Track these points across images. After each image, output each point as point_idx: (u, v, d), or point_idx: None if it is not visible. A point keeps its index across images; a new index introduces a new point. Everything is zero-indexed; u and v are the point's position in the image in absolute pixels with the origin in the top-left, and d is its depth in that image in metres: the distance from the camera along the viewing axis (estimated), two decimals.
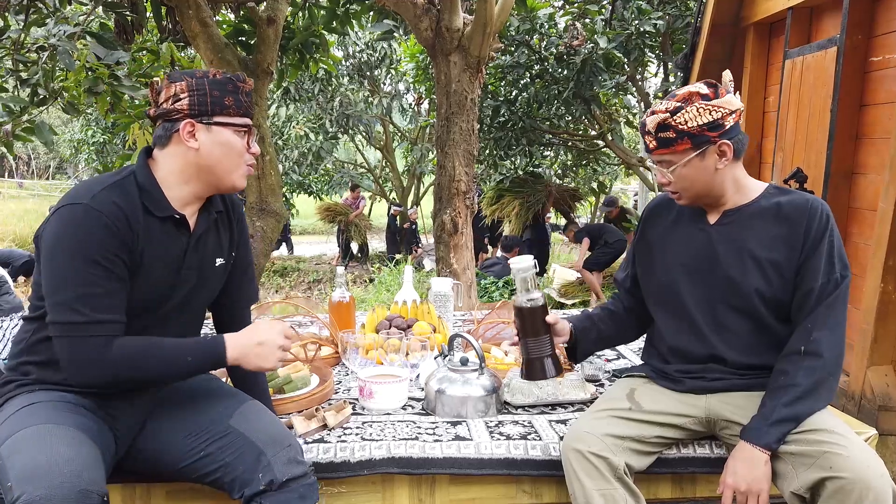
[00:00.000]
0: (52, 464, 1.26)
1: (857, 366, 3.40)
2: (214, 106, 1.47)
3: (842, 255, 1.61)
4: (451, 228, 4.60)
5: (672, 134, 1.58)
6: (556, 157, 10.15)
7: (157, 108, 1.49)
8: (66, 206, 1.40)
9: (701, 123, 1.56)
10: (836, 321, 1.58)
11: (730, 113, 1.58)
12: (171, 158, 1.49)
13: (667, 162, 1.63)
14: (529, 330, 1.75)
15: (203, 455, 1.48)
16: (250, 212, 4.64)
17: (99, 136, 15.17)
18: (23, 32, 3.80)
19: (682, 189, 1.65)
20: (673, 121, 1.57)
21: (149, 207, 1.46)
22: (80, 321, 1.37)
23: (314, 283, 11.43)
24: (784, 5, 4.13)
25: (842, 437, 1.49)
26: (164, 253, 1.49)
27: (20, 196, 24.07)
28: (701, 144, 1.58)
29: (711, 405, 1.68)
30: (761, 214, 1.65)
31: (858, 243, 3.60)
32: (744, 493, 1.52)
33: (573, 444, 1.58)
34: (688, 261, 1.72)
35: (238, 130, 1.51)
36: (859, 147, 3.63)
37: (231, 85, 1.50)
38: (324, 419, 1.75)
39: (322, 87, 12.20)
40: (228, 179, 1.53)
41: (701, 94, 1.58)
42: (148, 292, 1.48)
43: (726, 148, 1.59)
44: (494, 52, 4.77)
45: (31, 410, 1.40)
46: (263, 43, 4.54)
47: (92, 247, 1.37)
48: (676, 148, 1.59)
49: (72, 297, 1.37)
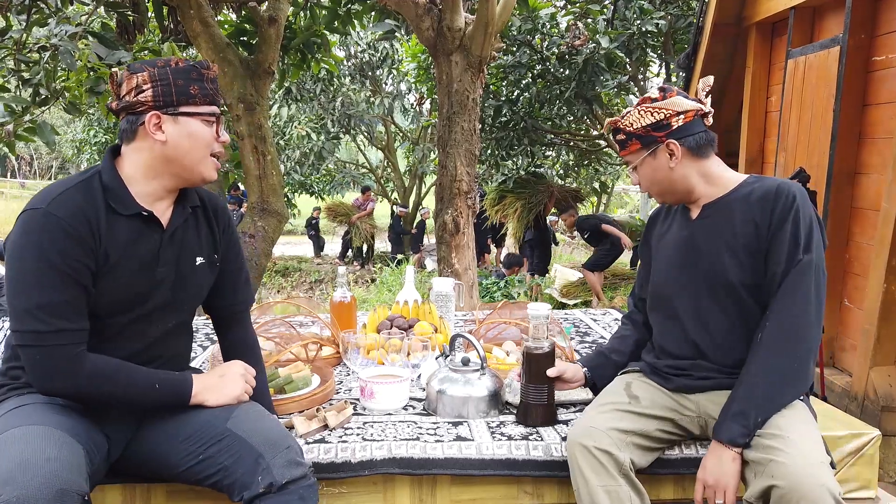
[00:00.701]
0: (30, 464, 1.25)
1: (860, 366, 3.39)
2: (180, 96, 1.43)
3: (809, 237, 1.57)
4: (453, 228, 4.60)
5: (622, 136, 1.71)
6: (557, 157, 10.15)
7: (119, 101, 1.45)
8: (27, 212, 1.38)
9: (644, 125, 1.66)
10: (795, 304, 1.55)
11: (676, 114, 1.64)
12: (138, 153, 1.46)
13: (629, 162, 1.74)
14: (533, 376, 1.78)
15: (202, 458, 1.47)
16: (251, 212, 4.64)
17: (101, 136, 15.18)
18: (25, 32, 3.81)
19: (647, 188, 1.75)
20: (621, 123, 1.70)
21: (113, 206, 1.43)
22: (43, 330, 1.35)
23: (315, 283, 11.44)
24: (787, 5, 4.12)
25: (789, 442, 1.46)
26: (134, 252, 1.46)
27: (22, 196, 24.11)
28: (650, 144, 1.67)
29: (701, 403, 1.69)
30: (737, 202, 1.66)
31: (861, 243, 3.59)
32: (711, 487, 1.54)
33: (579, 439, 1.58)
34: (673, 259, 1.76)
35: (206, 119, 1.47)
36: (862, 147, 3.62)
37: (195, 73, 1.45)
38: (325, 419, 1.74)
39: (324, 87, 12.21)
40: (197, 171, 1.49)
41: (651, 97, 1.68)
42: (123, 292, 1.46)
43: (674, 147, 1.65)
44: (496, 52, 4.76)
45: (17, 413, 1.39)
46: (265, 43, 4.54)
47: (51, 253, 1.35)
48: (630, 148, 1.71)
49: (33, 304, 1.34)
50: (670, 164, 1.66)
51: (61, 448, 1.31)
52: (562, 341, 2.25)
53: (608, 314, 3.08)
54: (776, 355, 1.55)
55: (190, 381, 1.53)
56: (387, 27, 5.64)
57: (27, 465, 1.25)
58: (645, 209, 12.74)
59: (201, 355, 2.37)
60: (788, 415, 1.54)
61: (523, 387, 1.80)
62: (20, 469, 1.24)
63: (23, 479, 1.22)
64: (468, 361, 1.90)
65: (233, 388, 1.56)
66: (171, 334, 1.60)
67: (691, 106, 1.65)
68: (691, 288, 1.71)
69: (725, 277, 1.64)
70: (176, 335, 1.62)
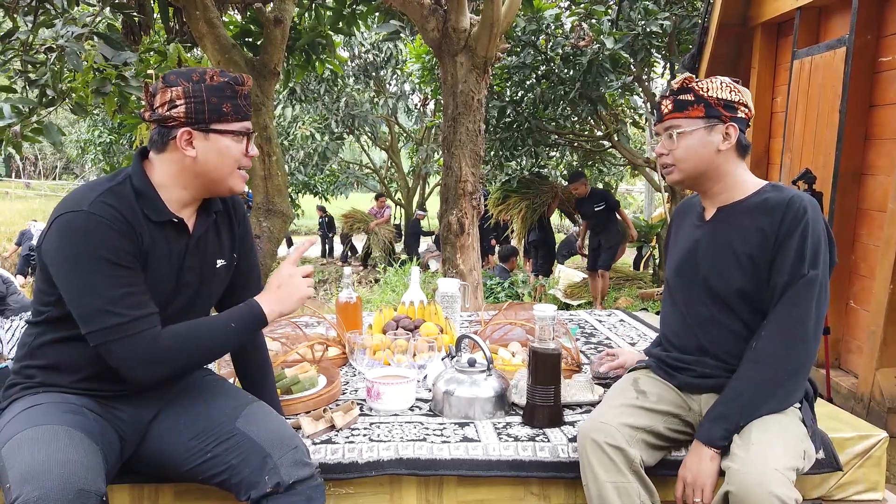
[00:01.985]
0: (49, 464, 1.26)
1: (866, 368, 3.38)
2: (212, 114, 1.44)
3: (816, 253, 1.55)
4: (458, 229, 4.59)
5: (691, 97, 1.62)
6: (561, 157, 10.14)
7: (152, 112, 1.46)
8: (65, 216, 1.38)
9: (720, 97, 1.61)
10: (794, 318, 1.54)
11: (745, 105, 1.64)
12: (168, 164, 1.47)
13: (675, 126, 1.64)
14: (539, 377, 1.78)
15: (210, 457, 1.48)
16: (257, 212, 4.65)
17: (106, 137, 15.22)
18: (31, 34, 3.81)
19: (678, 160, 1.66)
20: (696, 84, 1.63)
21: (146, 212, 1.45)
22: (121, 322, 1.36)
23: (320, 283, 11.44)
24: (792, 5, 4.11)
25: (751, 448, 1.46)
26: (165, 257, 1.48)
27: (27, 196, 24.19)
28: (712, 117, 1.62)
29: (703, 403, 1.70)
30: (750, 210, 1.64)
31: (868, 244, 3.58)
32: (690, 484, 1.56)
33: (591, 434, 1.58)
34: (682, 257, 1.76)
35: (236, 136, 1.48)
36: (868, 148, 3.61)
37: (229, 90, 1.46)
38: (331, 420, 1.75)
39: (328, 87, 12.22)
40: (225, 184, 1.51)
41: (730, 79, 1.66)
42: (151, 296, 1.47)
43: (732, 130, 1.62)
44: (501, 53, 4.76)
45: (32, 412, 1.40)
46: (270, 43, 4.55)
47: (103, 250, 1.36)
48: (690, 112, 1.62)
49: (103, 302, 1.36)
50: (721, 146, 1.62)
51: (80, 449, 1.32)
52: (567, 342, 2.25)
53: (613, 315, 3.08)
54: (767, 366, 1.55)
55: (258, 306, 1.50)
56: (391, 28, 5.64)
57: (47, 466, 1.26)
58: (649, 209, 12.72)
59: None
60: (767, 419, 1.54)
61: (530, 388, 1.80)
62: (40, 469, 1.25)
63: (43, 480, 1.23)
64: (474, 362, 1.90)
65: (298, 291, 1.53)
66: None
67: (752, 107, 1.67)
68: (696, 290, 1.71)
69: (728, 284, 1.64)
70: None
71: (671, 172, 1.69)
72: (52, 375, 1.48)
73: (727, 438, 1.53)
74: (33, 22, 3.89)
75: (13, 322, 4.13)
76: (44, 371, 1.48)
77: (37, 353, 1.49)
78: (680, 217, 1.88)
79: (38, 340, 1.48)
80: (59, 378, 1.47)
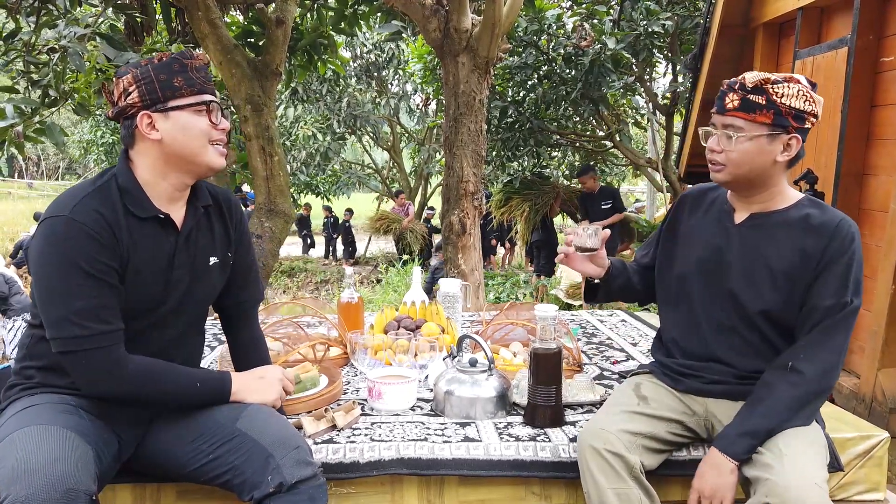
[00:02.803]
0: (38, 464, 1.26)
1: (868, 368, 3.37)
2: (165, 90, 1.42)
3: (858, 282, 1.54)
4: (459, 229, 4.60)
5: (762, 100, 1.52)
6: (563, 158, 10.13)
7: (114, 108, 1.46)
8: (48, 220, 1.39)
9: (793, 105, 1.51)
10: (834, 344, 1.54)
11: (815, 114, 1.54)
12: (142, 157, 1.47)
13: (736, 128, 1.55)
14: (540, 377, 1.77)
15: (212, 458, 1.48)
16: (259, 212, 4.65)
17: (108, 137, 15.28)
18: (34, 34, 3.83)
19: (731, 163, 1.57)
20: (772, 88, 1.52)
21: (131, 209, 1.44)
22: (81, 335, 1.37)
23: (321, 283, 11.45)
24: (794, 5, 4.11)
25: (785, 460, 1.45)
26: (152, 255, 1.48)
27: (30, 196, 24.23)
28: (778, 126, 1.52)
29: (709, 405, 1.69)
30: (787, 224, 1.60)
31: (870, 245, 3.58)
32: (708, 497, 1.53)
33: (590, 441, 1.57)
34: (705, 258, 1.70)
35: (197, 109, 1.46)
36: (870, 148, 3.61)
37: (177, 64, 1.44)
38: (333, 420, 1.75)
39: (330, 87, 12.23)
40: (201, 161, 1.48)
41: (805, 82, 1.54)
42: (140, 296, 1.47)
43: (795, 143, 1.54)
44: (502, 53, 4.77)
45: (27, 413, 1.41)
46: (272, 44, 4.55)
47: (79, 259, 1.36)
48: (757, 116, 1.52)
49: (68, 311, 1.36)
50: (779, 157, 1.54)
51: (69, 448, 1.32)
52: (569, 342, 2.26)
53: (615, 315, 3.08)
54: (803, 389, 1.53)
55: (229, 380, 1.55)
56: (393, 28, 5.64)
57: (35, 465, 1.26)
58: (651, 209, 12.71)
59: (210, 355, 2.38)
60: (791, 432, 1.53)
61: (531, 388, 1.80)
62: (28, 468, 1.25)
63: (30, 479, 1.23)
64: (476, 362, 1.90)
65: (271, 392, 1.60)
66: (185, 335, 1.61)
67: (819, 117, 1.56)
68: (720, 299, 1.67)
69: (758, 301, 1.61)
70: (190, 335, 1.64)
71: (720, 171, 1.60)
72: (50, 376, 1.48)
73: (750, 453, 1.51)
74: (36, 22, 3.90)
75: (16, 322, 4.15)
76: (42, 372, 1.48)
77: (35, 354, 1.49)
78: (692, 207, 1.79)
79: (37, 341, 1.49)
80: (56, 379, 1.47)
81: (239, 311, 1.74)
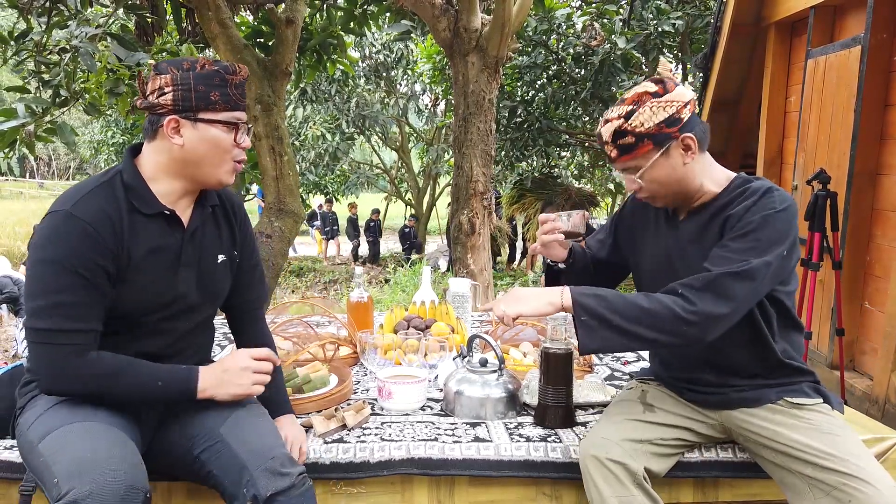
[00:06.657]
0: (96, 460, 1.26)
1: (881, 370, 3.34)
2: (199, 101, 1.42)
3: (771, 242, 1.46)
4: (469, 229, 4.59)
5: (631, 139, 1.52)
6: (572, 158, 10.11)
7: (143, 100, 1.45)
8: (50, 214, 1.40)
9: (658, 122, 1.50)
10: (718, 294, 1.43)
11: (684, 105, 1.52)
12: (157, 154, 1.47)
13: (633, 168, 1.56)
14: (551, 377, 1.76)
15: (197, 463, 1.47)
16: (268, 212, 4.66)
17: (119, 137, 15.35)
18: (45, 34, 3.84)
19: (654, 192, 1.59)
20: (629, 125, 1.52)
21: (136, 206, 1.44)
22: (50, 328, 1.36)
23: (330, 283, 11.46)
24: (806, 4, 4.08)
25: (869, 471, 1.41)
26: (157, 251, 1.47)
27: (41, 196, 24.41)
28: (663, 143, 1.52)
29: (724, 418, 1.65)
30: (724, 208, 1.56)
31: (882, 245, 3.55)
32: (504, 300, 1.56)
33: (591, 450, 1.56)
34: (658, 264, 1.68)
35: (226, 126, 1.46)
36: (883, 147, 3.58)
37: (218, 78, 1.43)
38: (343, 419, 1.75)
39: (339, 87, 12.26)
40: (214, 175, 1.49)
41: (650, 92, 1.52)
42: (148, 292, 1.47)
43: (690, 141, 1.53)
44: (512, 53, 4.76)
45: (63, 408, 1.41)
46: (282, 44, 4.56)
47: (70, 256, 1.36)
48: (638, 152, 1.53)
49: (45, 304, 1.36)
50: (685, 160, 1.53)
51: (124, 446, 1.34)
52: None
53: None
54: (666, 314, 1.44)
55: (195, 377, 1.48)
56: (402, 28, 5.64)
57: (94, 461, 1.26)
58: None
59: (220, 355, 2.38)
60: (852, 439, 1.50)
61: (541, 388, 1.79)
62: (88, 464, 1.25)
63: (93, 474, 1.24)
64: (486, 362, 1.89)
65: (238, 386, 1.50)
66: (195, 331, 1.61)
67: (692, 95, 1.53)
68: None
69: None
70: (200, 331, 1.64)
71: (655, 202, 1.63)
72: None
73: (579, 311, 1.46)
74: (47, 23, 3.92)
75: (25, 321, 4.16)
76: None
77: None
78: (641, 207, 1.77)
79: None
80: None
81: (245, 311, 1.73)
